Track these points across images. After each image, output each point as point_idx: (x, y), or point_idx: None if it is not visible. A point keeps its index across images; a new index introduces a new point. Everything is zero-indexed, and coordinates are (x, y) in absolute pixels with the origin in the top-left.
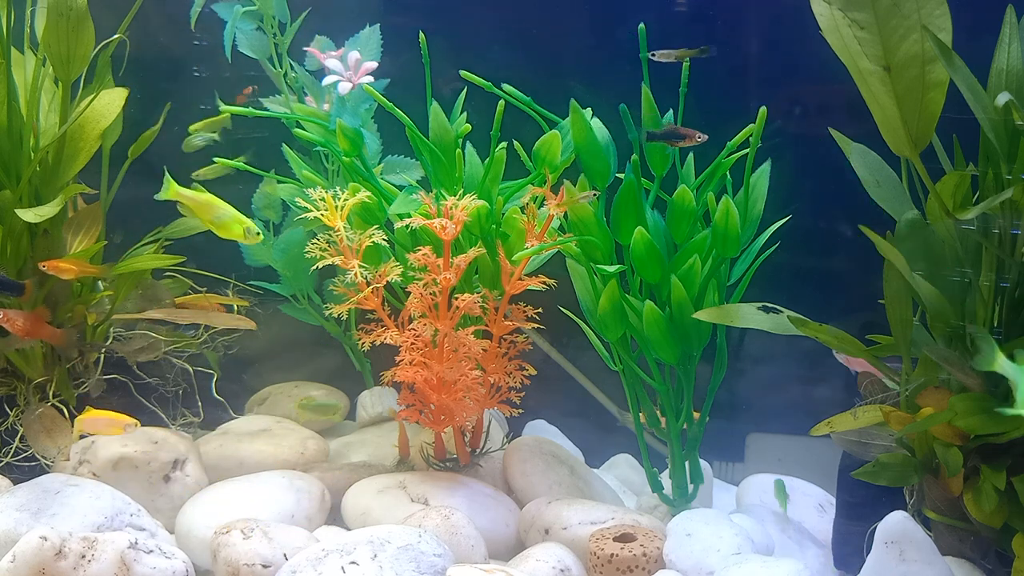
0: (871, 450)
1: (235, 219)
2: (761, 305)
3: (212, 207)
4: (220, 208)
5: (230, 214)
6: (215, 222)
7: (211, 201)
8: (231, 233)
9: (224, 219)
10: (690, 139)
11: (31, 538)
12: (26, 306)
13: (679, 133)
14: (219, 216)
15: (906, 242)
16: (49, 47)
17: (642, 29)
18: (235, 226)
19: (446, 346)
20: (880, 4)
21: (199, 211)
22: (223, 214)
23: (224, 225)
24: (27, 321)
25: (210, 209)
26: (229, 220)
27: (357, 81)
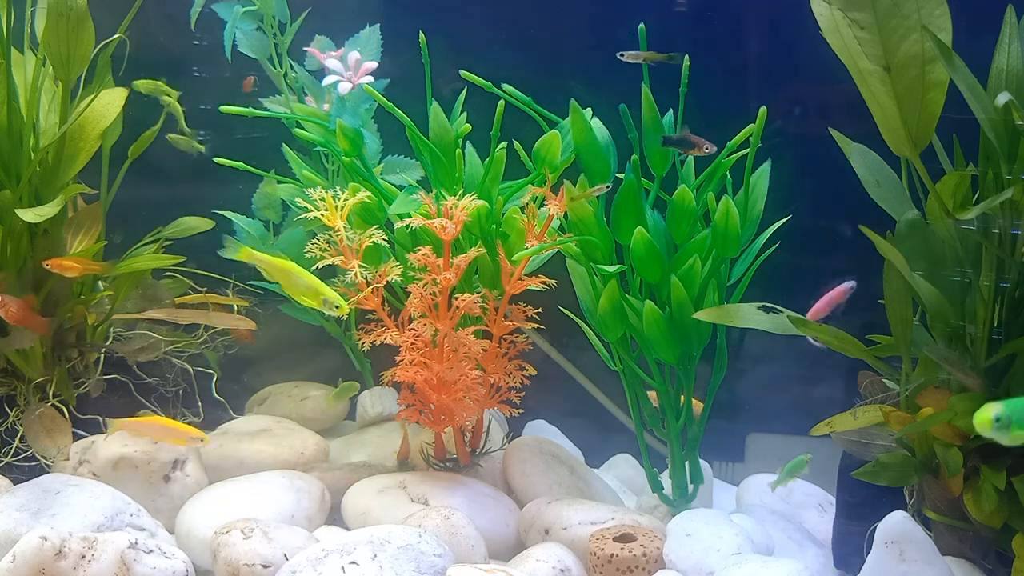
0: (871, 450)
1: (313, 288)
2: (761, 305)
3: (289, 273)
4: (297, 275)
5: (308, 283)
6: (291, 289)
7: (288, 267)
8: (309, 302)
9: (300, 287)
10: (699, 148)
11: (31, 538)
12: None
13: (690, 141)
14: (296, 284)
15: (906, 242)
16: (49, 47)
17: (642, 29)
18: (313, 296)
19: (446, 346)
20: (880, 4)
21: (275, 276)
22: (300, 282)
23: (303, 294)
24: (19, 308)
25: (286, 275)
26: (306, 289)
27: (357, 81)
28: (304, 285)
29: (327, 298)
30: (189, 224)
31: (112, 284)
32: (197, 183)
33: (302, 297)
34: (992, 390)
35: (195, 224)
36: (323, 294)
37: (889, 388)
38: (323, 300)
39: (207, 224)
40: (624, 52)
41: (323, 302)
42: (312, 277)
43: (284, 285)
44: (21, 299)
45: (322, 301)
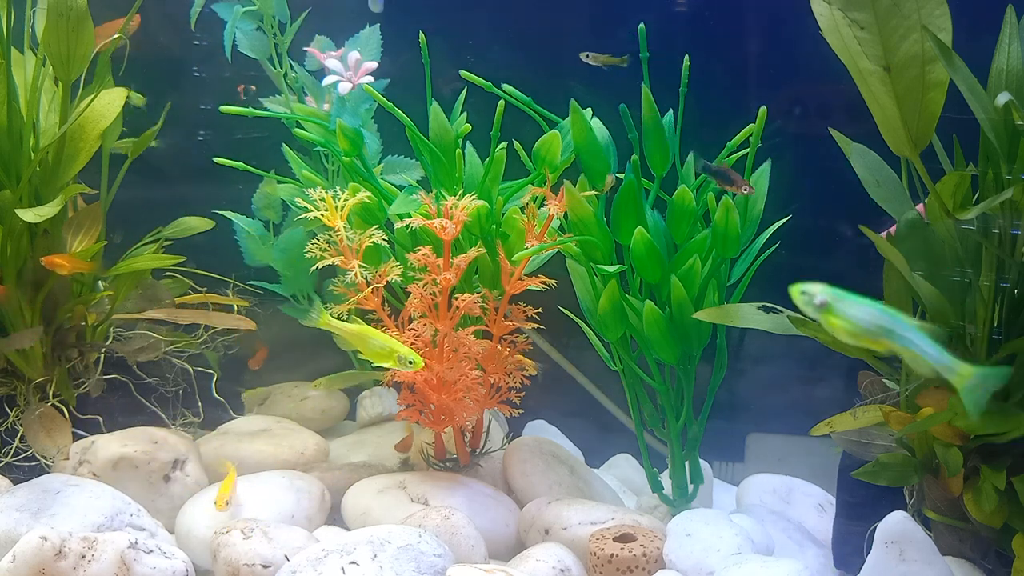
0: (871, 450)
1: (390, 349)
2: (761, 305)
3: (364, 337)
4: (374, 338)
5: (383, 343)
6: (367, 351)
7: (364, 332)
8: (384, 361)
9: (376, 348)
10: (736, 187)
11: (31, 538)
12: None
13: (730, 176)
14: (373, 346)
15: (906, 242)
16: (49, 47)
17: (642, 29)
18: (390, 356)
19: (446, 346)
20: (880, 4)
21: (353, 341)
22: (377, 343)
23: (379, 355)
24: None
25: (363, 340)
26: (383, 350)
27: (357, 81)
28: (379, 346)
29: (401, 355)
30: (189, 224)
31: (112, 284)
32: (197, 183)
33: (378, 358)
34: None
35: (195, 224)
36: (397, 351)
37: (889, 388)
38: (397, 357)
39: (207, 224)
40: (587, 53)
41: (397, 359)
42: (385, 337)
43: (361, 349)
44: None
45: (396, 359)
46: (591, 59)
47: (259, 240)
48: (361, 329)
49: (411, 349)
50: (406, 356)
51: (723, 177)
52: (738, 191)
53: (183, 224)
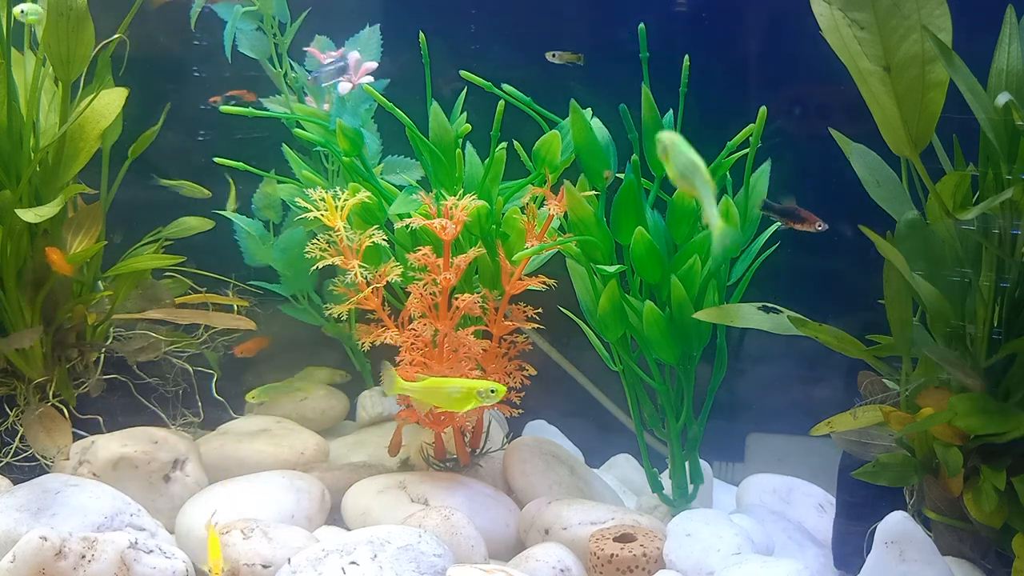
0: (871, 450)
1: (467, 389)
2: (761, 305)
3: (439, 390)
4: (449, 386)
5: (459, 387)
6: (452, 399)
7: (438, 384)
8: (470, 403)
9: (455, 394)
10: (809, 224)
11: (31, 538)
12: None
13: (799, 215)
14: (451, 392)
15: (906, 242)
16: (49, 47)
17: (642, 29)
18: (471, 396)
19: (446, 346)
20: (880, 4)
21: (429, 398)
22: (454, 389)
23: (460, 400)
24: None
25: (439, 393)
26: (461, 394)
27: (357, 81)
28: (456, 391)
29: (481, 389)
30: (189, 224)
31: (112, 284)
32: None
33: (461, 403)
34: (992, 390)
35: (195, 224)
36: (475, 388)
37: (889, 388)
38: (477, 392)
39: (207, 224)
40: (554, 52)
41: (478, 395)
42: (458, 380)
43: (439, 403)
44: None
45: (477, 395)
46: (557, 58)
47: (259, 240)
48: (432, 383)
49: (486, 380)
50: (486, 389)
51: (791, 215)
52: (811, 228)
53: (183, 224)
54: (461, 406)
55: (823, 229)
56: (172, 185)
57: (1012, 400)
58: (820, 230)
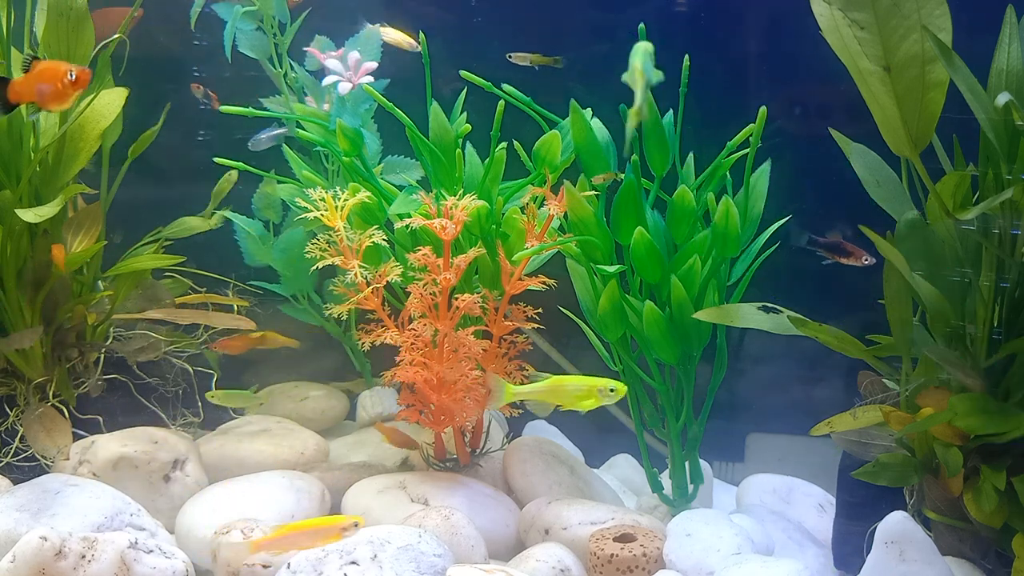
0: (871, 450)
1: (587, 387)
2: (761, 305)
3: (562, 388)
4: (570, 384)
5: (579, 385)
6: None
7: (556, 383)
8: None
9: (575, 392)
10: (856, 258)
11: (31, 538)
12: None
13: (845, 249)
14: (574, 390)
15: (906, 242)
16: (49, 47)
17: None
18: (591, 394)
19: (446, 346)
20: (880, 4)
21: (550, 397)
22: (572, 387)
23: (580, 397)
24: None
25: (559, 391)
26: (582, 391)
27: (357, 81)
28: (576, 388)
29: (601, 387)
30: (189, 224)
31: (112, 284)
32: (197, 183)
33: (581, 401)
34: (992, 390)
35: (195, 224)
36: (595, 386)
37: (889, 388)
38: (598, 391)
39: (207, 224)
40: (511, 53)
41: (598, 392)
42: (578, 378)
43: (560, 401)
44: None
45: (597, 392)
46: (517, 59)
47: (259, 240)
48: (552, 382)
49: (606, 378)
50: (606, 387)
51: (837, 250)
52: (858, 263)
53: (183, 224)
54: (583, 404)
55: (869, 263)
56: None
57: (1012, 400)
58: (866, 264)
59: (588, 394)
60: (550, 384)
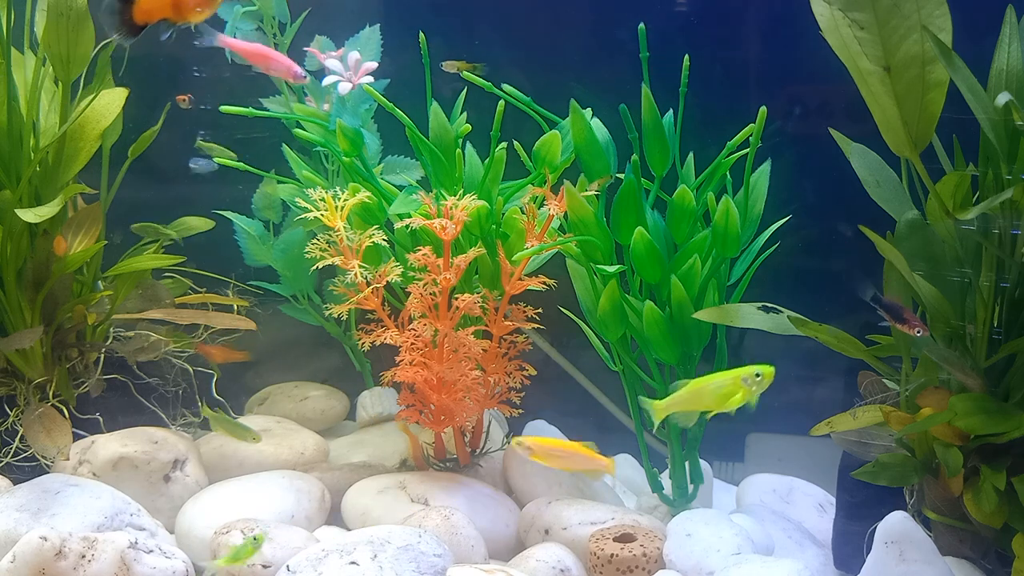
0: (871, 450)
1: (731, 379)
2: (761, 305)
3: (703, 390)
4: (710, 383)
5: (722, 381)
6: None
7: (698, 386)
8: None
9: (720, 390)
10: (910, 327)
11: (31, 538)
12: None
13: (903, 315)
14: (715, 390)
15: (906, 242)
16: (49, 47)
17: (642, 29)
18: (736, 387)
19: (446, 346)
20: (880, 4)
21: (694, 402)
22: (715, 385)
23: (726, 394)
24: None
25: (702, 393)
26: (726, 387)
27: (357, 81)
28: (720, 386)
29: (746, 376)
30: (189, 224)
31: (112, 284)
32: (197, 183)
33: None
34: (992, 390)
35: (195, 224)
36: (739, 376)
37: (889, 388)
38: (741, 379)
39: (207, 224)
40: (443, 62)
41: (742, 380)
42: (719, 375)
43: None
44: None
45: (742, 382)
46: (446, 67)
47: (259, 240)
48: (692, 387)
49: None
50: (751, 374)
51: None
52: (910, 331)
53: (183, 224)
54: (732, 402)
55: (922, 335)
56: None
57: (1012, 400)
58: (918, 335)
59: (733, 387)
60: (690, 390)
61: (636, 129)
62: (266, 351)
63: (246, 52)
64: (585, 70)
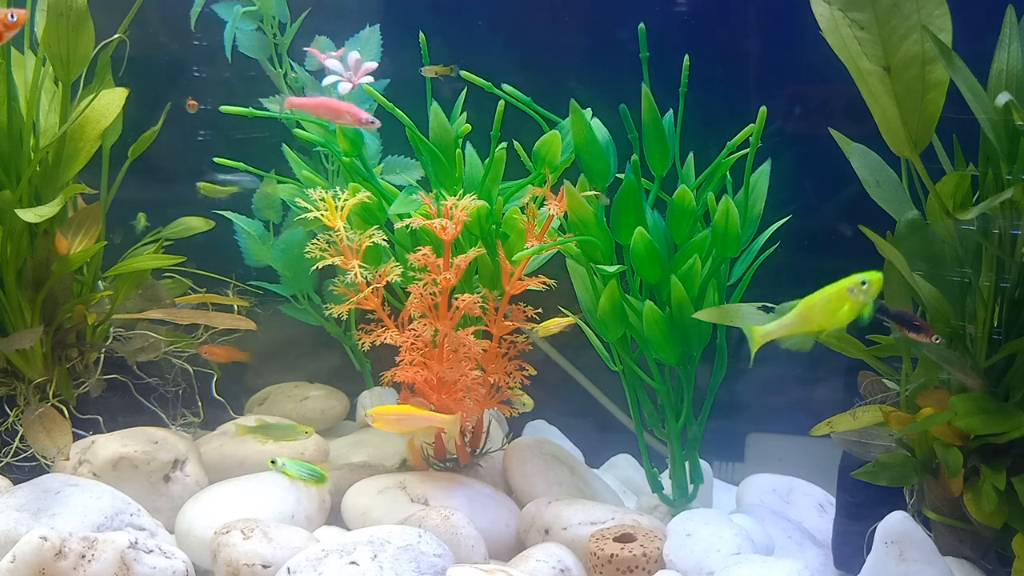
0: (871, 450)
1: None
2: (761, 305)
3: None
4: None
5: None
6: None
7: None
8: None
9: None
10: (926, 335)
11: (31, 538)
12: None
13: (914, 324)
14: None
15: (906, 242)
16: (49, 47)
17: (642, 29)
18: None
19: (446, 346)
20: (880, 4)
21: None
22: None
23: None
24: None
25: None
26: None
27: (357, 81)
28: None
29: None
30: (189, 224)
31: (112, 284)
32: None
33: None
34: (992, 390)
35: (195, 224)
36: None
37: (889, 388)
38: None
39: (207, 224)
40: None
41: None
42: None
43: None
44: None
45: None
46: (426, 71)
47: (259, 240)
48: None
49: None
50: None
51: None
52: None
53: (183, 224)
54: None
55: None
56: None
57: (1012, 400)
58: (936, 343)
59: (840, 299)
60: (799, 311)
61: (636, 129)
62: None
63: (313, 108)
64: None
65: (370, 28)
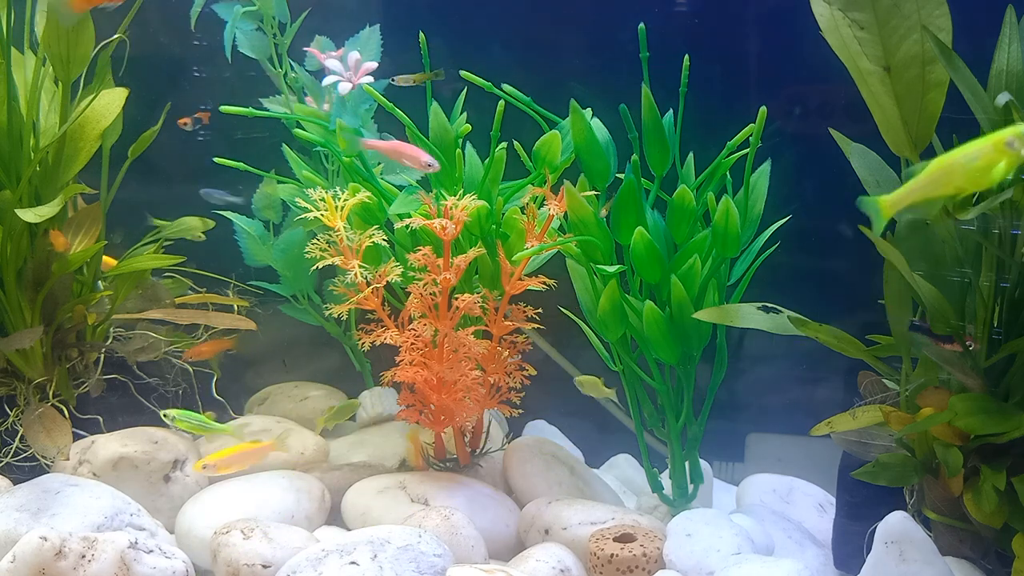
0: (871, 450)
1: (990, 146)
2: (761, 305)
3: (951, 168)
4: (958, 155)
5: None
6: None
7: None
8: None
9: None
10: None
11: (31, 538)
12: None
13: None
14: (968, 162)
15: (906, 242)
16: (49, 47)
17: (642, 29)
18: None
19: (446, 346)
20: (880, 4)
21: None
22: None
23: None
24: None
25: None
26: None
27: (357, 81)
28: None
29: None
30: (189, 224)
31: (112, 284)
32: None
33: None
34: (992, 390)
35: (195, 224)
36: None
37: (889, 388)
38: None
39: (207, 224)
40: (395, 77)
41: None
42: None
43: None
44: None
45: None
46: (400, 81)
47: (259, 240)
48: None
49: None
50: (1017, 133)
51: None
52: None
53: (183, 224)
54: (994, 175)
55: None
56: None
57: (1012, 400)
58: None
59: (994, 155)
60: (931, 171)
61: (636, 129)
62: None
63: (384, 149)
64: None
65: (370, 28)
